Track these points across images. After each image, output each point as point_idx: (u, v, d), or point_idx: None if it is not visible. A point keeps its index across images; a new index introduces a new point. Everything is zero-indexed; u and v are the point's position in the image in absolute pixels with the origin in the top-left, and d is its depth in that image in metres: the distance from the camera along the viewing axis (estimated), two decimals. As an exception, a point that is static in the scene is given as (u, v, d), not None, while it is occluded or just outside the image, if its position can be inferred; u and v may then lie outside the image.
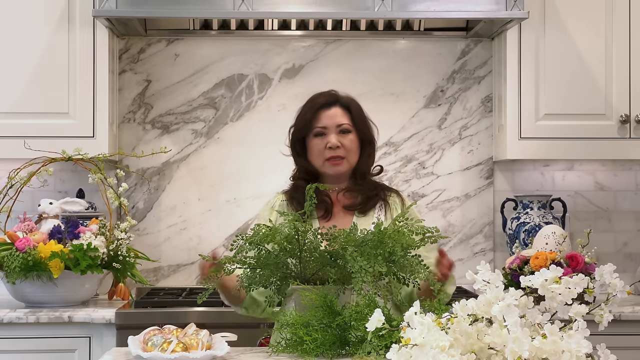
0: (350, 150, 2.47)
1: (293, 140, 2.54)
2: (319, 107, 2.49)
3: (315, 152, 2.48)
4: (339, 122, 2.47)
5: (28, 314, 2.91)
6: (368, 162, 2.53)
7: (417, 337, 1.46)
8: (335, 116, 2.48)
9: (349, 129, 2.47)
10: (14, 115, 3.22)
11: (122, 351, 2.04)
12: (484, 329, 1.47)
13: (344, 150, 2.46)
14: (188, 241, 3.57)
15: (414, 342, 1.45)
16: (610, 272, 1.66)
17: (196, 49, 3.58)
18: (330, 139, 2.45)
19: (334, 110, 2.49)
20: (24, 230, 3.02)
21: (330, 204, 2.47)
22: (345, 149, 2.46)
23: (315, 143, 2.48)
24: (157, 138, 3.56)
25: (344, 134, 2.47)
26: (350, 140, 2.47)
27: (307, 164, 2.51)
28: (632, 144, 3.33)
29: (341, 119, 2.48)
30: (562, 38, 3.33)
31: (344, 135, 2.47)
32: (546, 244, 3.13)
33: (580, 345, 1.44)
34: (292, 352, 1.91)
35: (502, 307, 1.45)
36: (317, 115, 2.48)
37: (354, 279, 1.88)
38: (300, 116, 2.53)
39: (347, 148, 2.46)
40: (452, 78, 3.62)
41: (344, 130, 2.47)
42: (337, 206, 2.48)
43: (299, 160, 2.54)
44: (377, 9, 3.10)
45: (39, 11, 3.23)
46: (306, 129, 2.49)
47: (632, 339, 2.94)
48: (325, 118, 2.48)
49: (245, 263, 2.03)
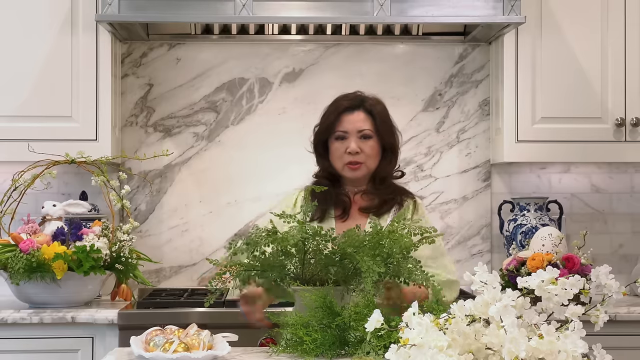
0: (369, 156, 2.47)
1: (316, 140, 2.54)
2: (342, 110, 2.49)
3: (336, 155, 2.49)
4: (360, 128, 2.47)
5: (32, 314, 2.92)
6: (388, 167, 2.53)
7: (415, 337, 1.45)
8: (357, 121, 2.48)
9: (370, 135, 2.47)
10: (18, 118, 3.24)
11: (125, 351, 2.04)
12: (481, 330, 1.47)
13: (364, 155, 2.46)
14: (189, 243, 3.60)
15: (412, 342, 1.46)
16: (606, 273, 1.66)
17: (197, 54, 3.61)
18: (350, 143, 2.45)
19: (356, 115, 2.49)
20: (28, 232, 3.02)
21: (349, 204, 2.48)
22: (364, 154, 2.46)
23: (336, 146, 2.49)
24: (159, 141, 3.59)
25: (365, 140, 2.47)
26: (370, 147, 2.47)
27: (328, 165, 2.52)
28: (628, 147, 3.35)
29: (363, 124, 2.48)
30: (559, 42, 3.35)
31: (364, 140, 2.47)
32: (543, 245, 3.16)
33: (576, 346, 1.44)
34: (292, 352, 1.91)
35: (499, 307, 1.45)
36: (339, 118, 2.48)
37: (364, 278, 1.89)
38: (324, 118, 2.53)
39: (367, 154, 2.47)
40: (450, 82, 3.65)
41: (365, 136, 2.47)
42: (355, 207, 2.49)
43: (321, 161, 2.55)
44: (376, 14, 3.11)
45: (43, 16, 3.25)
46: (328, 131, 2.50)
47: (628, 339, 2.96)
48: (347, 122, 2.48)
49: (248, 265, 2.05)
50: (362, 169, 2.48)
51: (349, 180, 2.51)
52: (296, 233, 1.99)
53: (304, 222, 2.01)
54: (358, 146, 2.46)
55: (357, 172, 2.49)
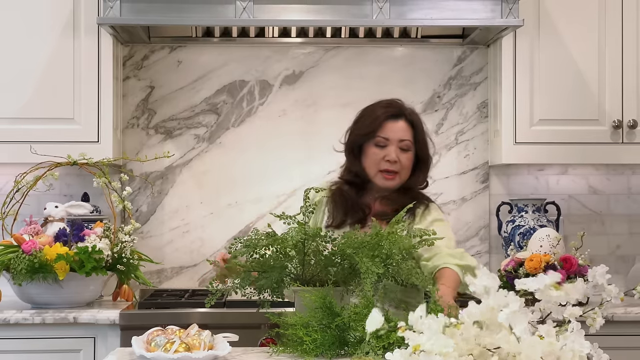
0: (405, 168, 2.46)
1: (352, 142, 2.51)
2: (387, 117, 2.47)
3: (372, 160, 2.46)
4: (402, 137, 2.45)
5: (34, 314, 2.93)
6: (418, 179, 2.51)
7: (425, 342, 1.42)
8: (400, 130, 2.46)
9: (409, 146, 2.46)
10: (20, 120, 3.25)
11: (126, 351, 2.06)
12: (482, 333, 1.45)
13: (400, 165, 2.44)
14: (190, 244, 3.61)
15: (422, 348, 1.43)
16: (603, 273, 1.66)
17: (198, 56, 3.63)
18: (389, 152, 2.43)
19: (400, 124, 2.47)
20: (30, 233, 3.03)
21: (367, 213, 2.46)
22: (401, 164, 2.44)
23: (373, 152, 2.46)
24: (160, 143, 3.61)
25: (404, 151, 2.45)
26: (407, 158, 2.46)
27: (360, 169, 2.49)
28: (625, 148, 3.36)
29: (404, 135, 2.46)
30: (556, 45, 3.36)
31: (403, 151, 2.45)
32: (540, 246, 3.17)
33: (582, 346, 1.44)
34: (292, 352, 1.93)
35: (508, 314, 1.43)
36: (383, 125, 2.46)
37: (364, 279, 1.90)
38: (365, 121, 2.50)
39: (403, 165, 2.45)
40: (449, 84, 3.67)
41: (405, 147, 2.45)
42: (373, 213, 2.46)
43: (354, 163, 2.51)
44: (375, 17, 3.12)
45: (45, 19, 3.26)
46: (369, 136, 2.46)
47: (625, 339, 2.98)
48: (390, 130, 2.45)
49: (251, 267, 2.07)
50: (396, 180, 2.46)
51: (377, 186, 2.48)
52: (295, 234, 2.01)
53: (304, 224, 2.03)
54: (397, 155, 2.44)
55: (390, 182, 2.46)
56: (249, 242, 2.03)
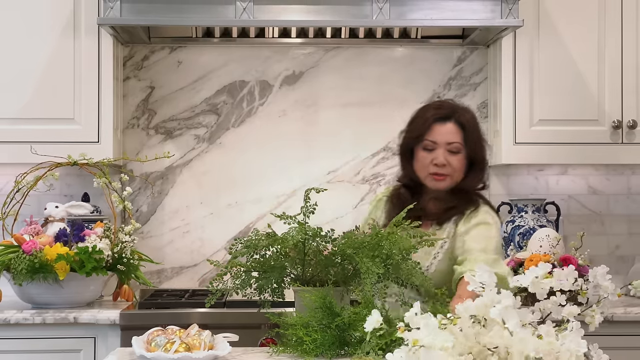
0: (456, 170, 2.43)
1: (404, 146, 2.51)
2: (434, 120, 2.44)
3: (421, 164, 2.45)
4: (449, 140, 2.42)
5: (34, 314, 2.94)
6: (473, 182, 2.48)
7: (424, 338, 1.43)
8: (448, 133, 2.43)
9: (458, 149, 2.43)
10: (20, 121, 3.26)
11: (127, 351, 2.06)
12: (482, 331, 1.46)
13: (450, 168, 2.42)
14: (190, 244, 3.62)
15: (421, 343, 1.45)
16: (603, 274, 1.66)
17: (198, 57, 3.63)
18: (437, 155, 2.41)
19: (448, 126, 2.44)
20: (31, 233, 3.03)
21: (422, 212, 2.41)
22: (451, 167, 2.42)
23: (422, 155, 2.44)
24: (161, 143, 3.61)
25: (453, 154, 2.42)
26: (457, 160, 2.43)
27: (412, 172, 2.48)
28: (624, 149, 3.37)
29: (453, 137, 2.43)
30: (556, 45, 3.37)
31: (452, 154, 2.42)
32: (540, 246, 3.18)
33: (579, 345, 1.44)
34: (292, 352, 1.93)
35: (500, 309, 1.44)
36: (430, 128, 2.43)
37: (364, 279, 1.90)
38: (414, 124, 2.49)
39: (454, 167, 2.42)
40: (449, 84, 3.67)
41: (454, 150, 2.42)
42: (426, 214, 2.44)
43: (407, 167, 2.51)
44: (375, 18, 3.13)
45: (46, 19, 3.27)
46: (417, 139, 2.45)
47: (624, 339, 2.98)
48: (437, 133, 2.43)
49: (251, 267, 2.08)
50: (447, 181, 2.43)
51: (430, 189, 2.47)
52: (296, 234, 2.01)
53: (305, 223, 2.03)
54: (445, 159, 2.41)
55: (440, 184, 2.44)
56: (249, 242, 2.04)
